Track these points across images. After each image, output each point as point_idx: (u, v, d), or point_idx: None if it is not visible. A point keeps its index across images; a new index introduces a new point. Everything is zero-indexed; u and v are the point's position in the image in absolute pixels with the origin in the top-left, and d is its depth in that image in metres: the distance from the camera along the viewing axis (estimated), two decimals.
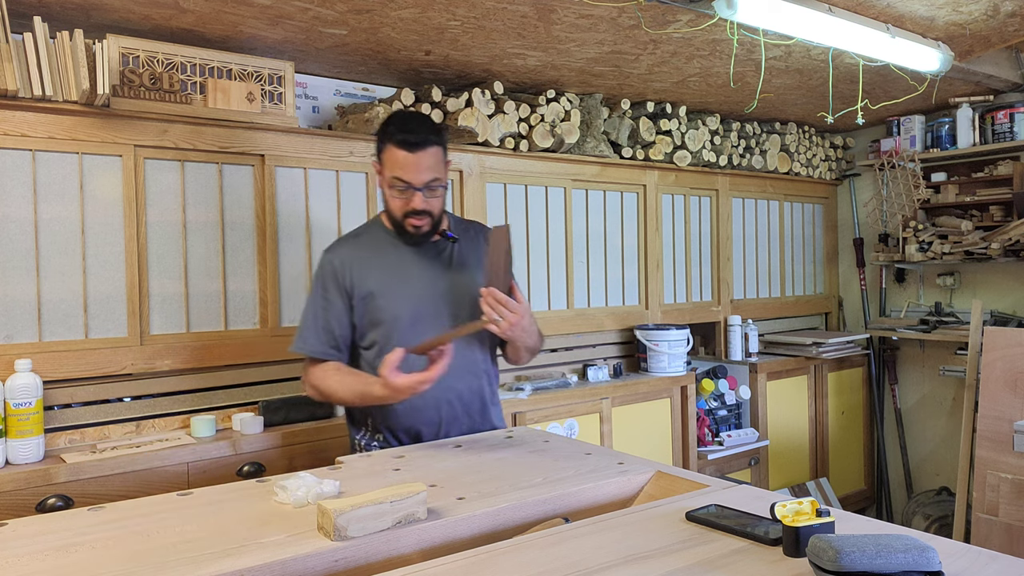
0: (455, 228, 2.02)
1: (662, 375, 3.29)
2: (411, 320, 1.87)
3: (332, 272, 1.91)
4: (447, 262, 1.96)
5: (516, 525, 1.33)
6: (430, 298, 1.90)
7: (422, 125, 1.86)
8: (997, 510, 2.82)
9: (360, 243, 1.97)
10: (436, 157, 1.84)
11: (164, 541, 1.19)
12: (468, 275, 1.96)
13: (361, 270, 1.90)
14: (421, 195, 1.84)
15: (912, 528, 2.05)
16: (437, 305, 1.90)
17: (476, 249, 2.00)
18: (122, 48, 2.21)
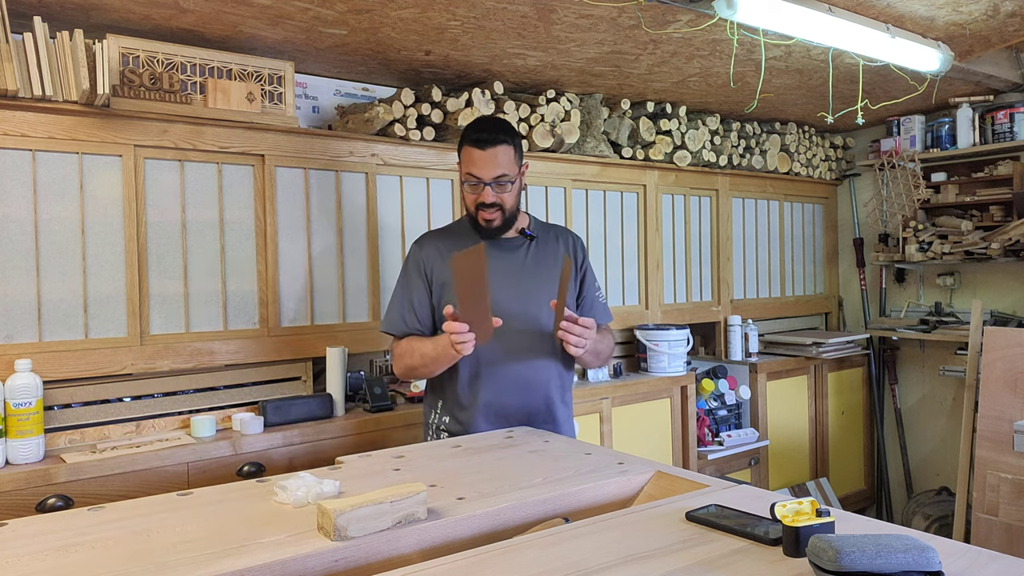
0: (537, 228, 2.13)
1: (662, 375, 3.29)
2: None
3: (417, 260, 2.07)
4: (523, 258, 2.07)
5: (516, 525, 1.33)
6: (501, 290, 1.99)
7: (494, 126, 2.00)
8: (997, 510, 2.82)
9: (445, 235, 2.11)
10: (506, 155, 1.96)
11: (164, 541, 1.19)
12: (542, 273, 2.06)
13: (441, 260, 2.03)
14: (490, 189, 1.96)
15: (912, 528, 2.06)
16: (507, 297, 1.99)
17: (555, 250, 2.11)
18: (122, 48, 2.21)
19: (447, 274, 1.99)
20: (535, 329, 2.01)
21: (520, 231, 2.08)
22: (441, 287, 2.03)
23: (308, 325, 2.56)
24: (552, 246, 2.11)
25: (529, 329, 2.01)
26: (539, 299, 2.01)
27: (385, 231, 2.74)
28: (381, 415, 2.51)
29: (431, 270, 2.05)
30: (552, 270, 2.06)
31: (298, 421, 2.42)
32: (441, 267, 2.03)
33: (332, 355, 2.54)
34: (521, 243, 2.08)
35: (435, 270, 2.04)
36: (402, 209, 2.78)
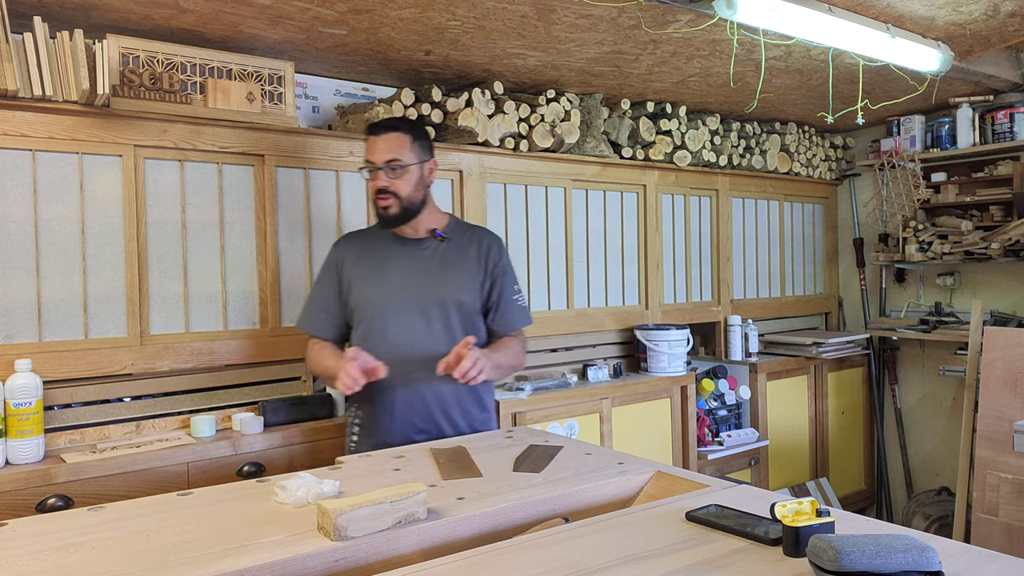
0: (453, 230, 2.15)
1: (662, 375, 3.29)
2: (381, 310, 2.05)
3: (333, 261, 2.15)
4: (429, 260, 2.10)
5: (516, 525, 1.33)
6: (404, 291, 2.05)
7: (393, 118, 2.11)
8: (997, 510, 2.82)
9: (361, 237, 2.18)
10: (398, 142, 2.03)
11: (164, 541, 1.19)
12: (448, 275, 2.08)
13: (353, 261, 2.11)
14: (382, 174, 2.02)
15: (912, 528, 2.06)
16: (409, 299, 2.05)
17: (466, 251, 2.12)
18: (122, 48, 2.21)
19: (356, 273, 2.09)
20: (437, 333, 2.04)
21: (431, 232, 2.11)
22: (349, 287, 2.10)
23: None
24: (464, 248, 2.12)
25: (431, 332, 2.04)
26: (443, 301, 2.05)
27: None
28: None
29: (343, 270, 2.11)
30: (460, 272, 2.09)
31: (298, 421, 2.42)
32: (352, 266, 2.11)
33: None
34: (430, 245, 2.11)
35: (346, 269, 2.11)
36: None
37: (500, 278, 2.14)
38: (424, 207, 2.10)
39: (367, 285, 2.08)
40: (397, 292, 2.05)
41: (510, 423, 2.76)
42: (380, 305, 2.05)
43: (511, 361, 2.11)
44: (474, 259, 2.12)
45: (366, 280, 2.09)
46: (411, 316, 2.04)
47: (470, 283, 2.10)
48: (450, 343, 2.00)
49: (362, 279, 2.09)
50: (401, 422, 2.04)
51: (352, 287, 2.10)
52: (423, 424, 2.04)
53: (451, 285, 2.07)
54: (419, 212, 2.08)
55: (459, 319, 2.07)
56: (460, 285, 2.08)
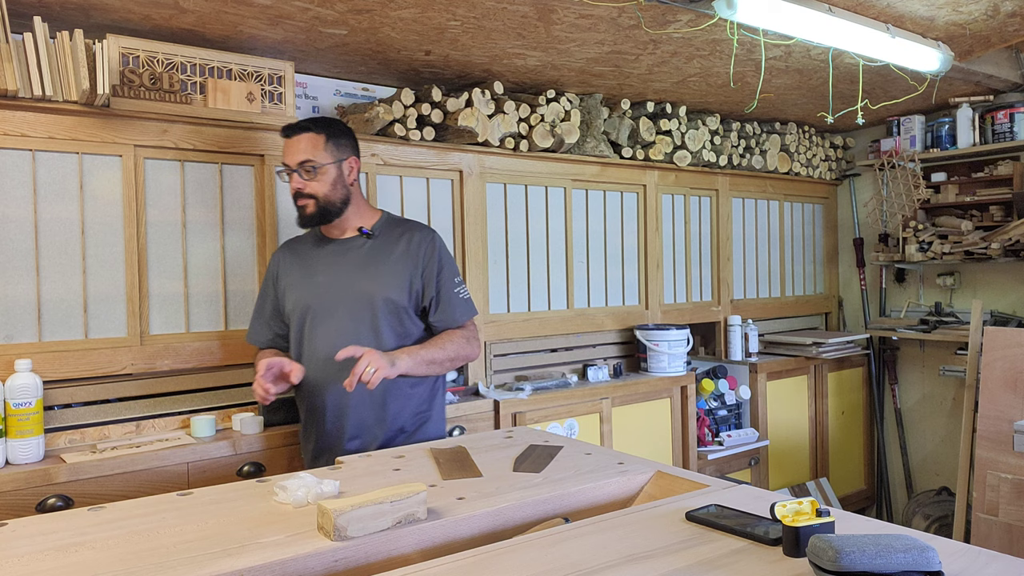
0: (383, 227, 2.13)
1: (662, 375, 3.29)
2: (307, 313, 2.05)
3: (270, 269, 2.19)
4: (356, 259, 2.07)
5: (516, 525, 1.33)
6: (328, 292, 2.04)
7: (309, 119, 2.08)
8: (997, 510, 2.82)
9: (296, 243, 2.19)
10: (311, 143, 2.02)
11: (164, 541, 1.19)
12: (376, 273, 2.05)
13: (286, 266, 2.13)
14: (297, 176, 2.03)
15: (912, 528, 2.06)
16: (333, 300, 2.04)
17: (395, 247, 2.08)
18: (122, 48, 2.21)
19: (288, 277, 2.11)
20: (364, 333, 2.01)
21: (358, 229, 2.11)
22: (282, 292, 2.12)
23: None
24: (392, 245, 2.09)
25: (357, 333, 2.00)
26: (368, 300, 2.02)
27: None
28: None
29: (278, 277, 2.15)
30: (387, 269, 2.05)
31: (298, 421, 2.41)
32: (284, 273, 2.13)
33: None
34: (357, 243, 2.10)
35: (280, 276, 2.14)
36: (402, 209, 2.78)
37: (436, 273, 2.09)
38: (348, 206, 2.08)
39: (295, 290, 2.09)
40: (322, 293, 2.04)
41: (510, 423, 2.76)
42: (306, 308, 2.05)
43: (449, 353, 2.05)
44: (403, 255, 2.07)
45: (295, 285, 2.09)
46: (336, 317, 2.02)
47: (398, 280, 2.05)
48: (377, 343, 1.97)
49: (292, 285, 2.10)
50: (332, 427, 2.03)
51: (284, 293, 2.11)
52: (354, 430, 2.02)
53: (377, 283, 2.03)
54: (341, 212, 2.07)
55: (387, 318, 2.03)
56: (387, 283, 2.04)
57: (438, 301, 2.09)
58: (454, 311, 2.10)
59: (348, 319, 2.02)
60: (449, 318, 2.09)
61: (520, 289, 3.08)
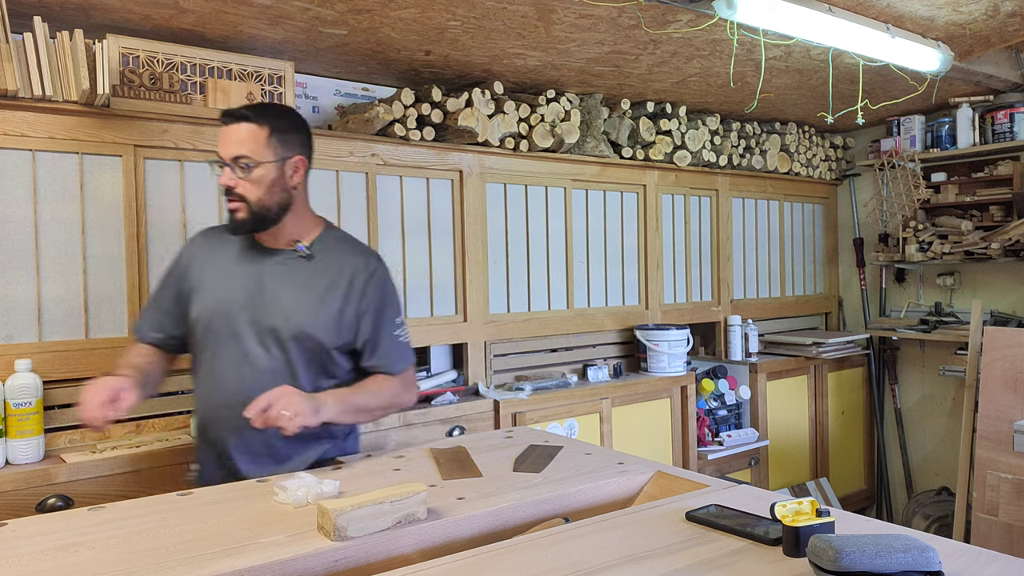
0: (323, 245, 1.80)
1: (662, 375, 3.29)
2: (212, 329, 1.72)
3: (177, 261, 1.85)
4: (284, 278, 1.73)
5: (516, 525, 1.33)
6: (243, 310, 1.70)
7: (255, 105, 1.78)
8: (997, 510, 2.82)
9: (220, 236, 1.82)
10: (251, 135, 1.69)
11: (164, 541, 1.19)
12: (304, 301, 1.71)
13: (200, 261, 1.79)
14: (229, 171, 1.69)
15: (912, 528, 2.06)
16: (247, 320, 1.70)
17: (332, 275, 1.75)
18: (122, 48, 2.21)
19: (198, 278, 1.77)
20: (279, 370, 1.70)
21: (292, 243, 1.77)
22: (189, 293, 1.78)
23: None
24: (330, 270, 1.75)
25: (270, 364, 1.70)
26: (288, 333, 1.69)
27: (385, 231, 2.74)
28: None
29: (190, 271, 1.79)
30: (317, 297, 1.72)
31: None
32: (198, 270, 1.78)
33: None
34: (288, 258, 1.76)
35: (192, 272, 1.79)
36: (402, 209, 2.78)
37: (376, 313, 1.77)
38: (286, 213, 1.74)
39: (204, 296, 1.75)
40: (235, 310, 1.70)
41: (510, 423, 2.76)
42: (211, 322, 1.72)
43: (384, 401, 1.77)
44: (339, 285, 1.74)
45: (205, 289, 1.75)
46: (247, 343, 1.70)
47: (327, 315, 1.72)
48: (293, 382, 1.67)
49: (202, 287, 1.75)
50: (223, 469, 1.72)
51: (191, 294, 1.77)
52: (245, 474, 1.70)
53: (302, 313, 1.70)
54: (278, 219, 1.73)
55: (306, 355, 1.71)
56: (313, 315, 1.70)
57: (374, 345, 1.78)
58: (391, 358, 1.80)
59: (260, 348, 1.69)
60: (385, 364, 1.79)
61: (520, 289, 3.08)
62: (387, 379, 1.79)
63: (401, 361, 1.83)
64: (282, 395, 1.54)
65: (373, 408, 1.77)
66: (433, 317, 2.84)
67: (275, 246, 1.77)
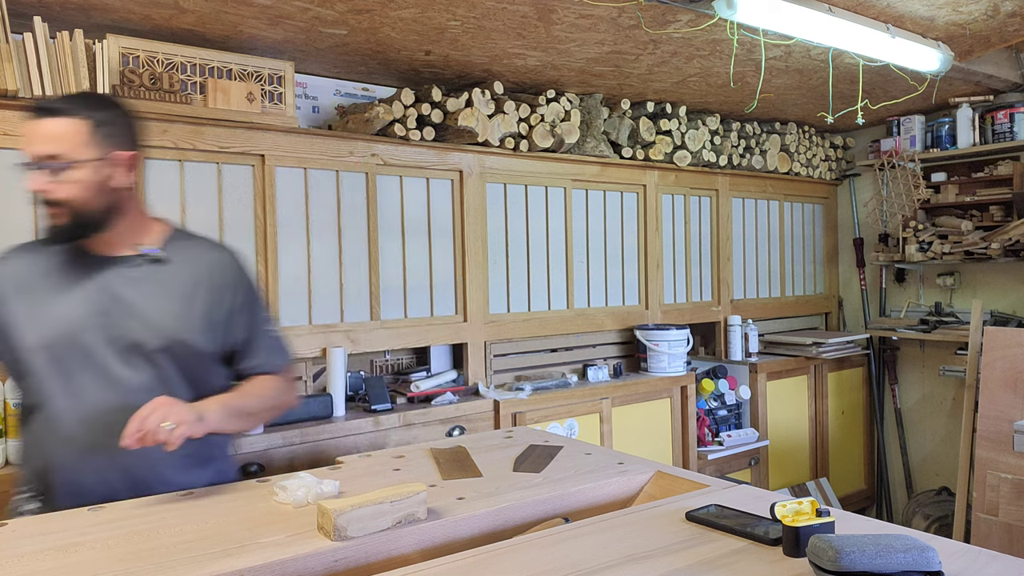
0: (172, 246, 1.60)
1: (662, 375, 3.29)
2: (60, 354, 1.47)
3: None
4: (134, 285, 1.53)
5: (516, 525, 1.33)
6: (93, 328, 1.48)
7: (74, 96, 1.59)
8: (997, 510, 2.82)
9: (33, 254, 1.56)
10: (68, 130, 1.45)
11: (164, 541, 1.19)
12: (167, 308, 1.53)
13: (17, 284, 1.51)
14: (38, 174, 1.44)
15: (912, 528, 2.06)
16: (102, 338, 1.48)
17: (191, 274, 1.58)
18: (122, 48, 2.21)
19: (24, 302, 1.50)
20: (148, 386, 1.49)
21: (135, 248, 1.56)
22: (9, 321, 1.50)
23: (308, 325, 2.56)
24: (187, 271, 1.57)
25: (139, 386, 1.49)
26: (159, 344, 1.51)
27: (385, 231, 2.74)
28: (381, 415, 2.51)
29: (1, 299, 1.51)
30: (180, 300, 1.54)
31: (298, 421, 2.42)
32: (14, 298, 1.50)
33: (332, 355, 2.54)
34: (133, 263, 1.54)
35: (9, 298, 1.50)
36: (402, 209, 2.78)
37: (248, 309, 1.63)
38: (115, 216, 1.51)
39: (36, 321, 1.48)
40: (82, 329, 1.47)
41: (510, 423, 2.76)
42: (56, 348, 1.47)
43: (267, 403, 1.64)
44: (200, 284, 1.57)
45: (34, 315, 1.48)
46: (106, 364, 1.48)
47: (195, 318, 1.55)
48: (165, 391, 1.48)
49: (28, 313, 1.48)
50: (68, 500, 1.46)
51: (11, 324, 1.49)
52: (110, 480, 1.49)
53: (167, 320, 1.52)
54: (104, 224, 1.50)
55: (181, 366, 1.54)
56: (181, 320, 1.53)
57: (251, 343, 1.63)
58: (271, 355, 1.67)
59: (124, 366, 1.48)
60: (265, 363, 1.65)
61: (520, 289, 3.08)
62: (268, 379, 1.65)
63: (280, 357, 1.69)
64: (158, 406, 1.37)
65: (258, 411, 1.62)
66: (433, 317, 2.84)
67: (115, 253, 1.54)
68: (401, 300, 2.77)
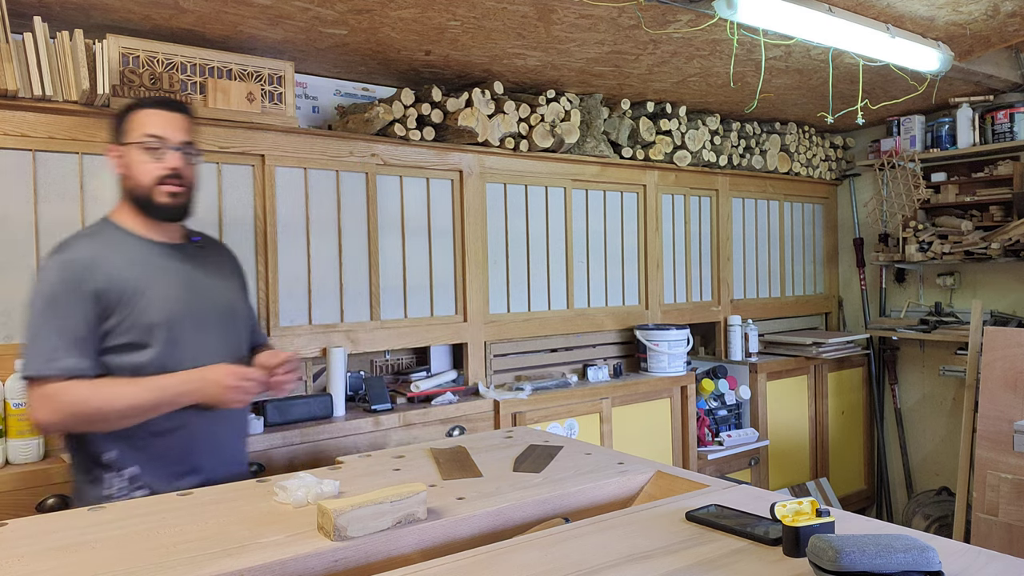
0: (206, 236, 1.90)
1: (662, 375, 3.29)
2: (179, 325, 1.66)
3: (77, 275, 1.60)
4: (203, 267, 1.78)
5: (516, 525, 1.33)
6: (195, 302, 1.71)
7: (174, 100, 1.87)
8: (997, 510, 2.82)
9: (102, 242, 1.68)
10: (191, 124, 1.74)
11: (164, 541, 1.19)
12: (225, 283, 1.83)
13: (118, 273, 1.64)
14: (179, 155, 1.68)
15: (912, 528, 2.06)
16: (204, 310, 1.72)
17: (223, 259, 1.89)
18: (122, 48, 2.21)
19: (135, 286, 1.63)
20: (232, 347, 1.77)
21: (185, 236, 1.81)
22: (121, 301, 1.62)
23: (308, 325, 2.56)
24: (219, 256, 1.88)
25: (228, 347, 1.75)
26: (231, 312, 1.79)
27: (385, 231, 2.74)
28: (381, 415, 2.51)
29: (102, 283, 1.61)
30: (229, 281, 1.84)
31: (298, 421, 2.42)
32: (121, 279, 1.63)
33: (332, 355, 2.54)
34: (190, 249, 1.79)
35: (112, 286, 1.62)
36: (402, 209, 2.78)
37: (247, 293, 1.97)
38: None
39: (157, 300, 1.65)
40: (190, 303, 1.70)
41: (510, 423, 2.76)
42: (176, 321, 1.65)
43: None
44: (231, 270, 1.90)
45: (152, 294, 1.65)
46: (209, 331, 1.72)
47: (239, 292, 1.89)
48: (240, 358, 1.77)
49: (145, 294, 1.64)
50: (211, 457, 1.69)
51: (134, 304, 1.62)
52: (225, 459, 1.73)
53: (232, 294, 1.83)
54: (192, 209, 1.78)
55: (241, 330, 1.83)
56: (237, 295, 1.86)
57: (255, 321, 2.00)
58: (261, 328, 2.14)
59: (220, 331, 1.75)
60: (260, 335, 2.01)
61: (520, 289, 3.08)
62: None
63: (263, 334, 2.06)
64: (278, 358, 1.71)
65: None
66: (433, 317, 2.84)
67: (171, 240, 1.75)
68: (401, 300, 2.77)
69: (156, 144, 1.66)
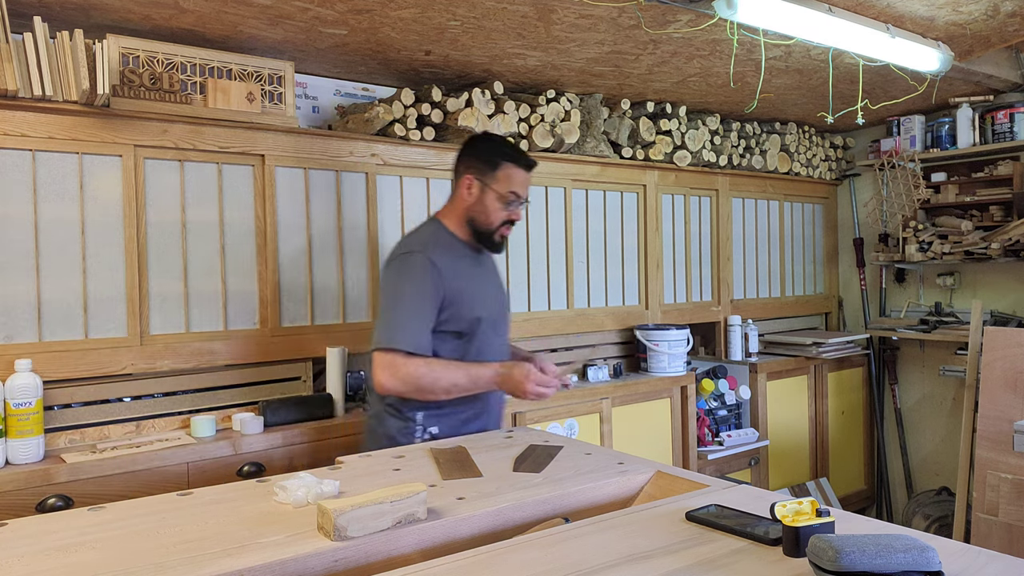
0: None
1: (662, 375, 3.29)
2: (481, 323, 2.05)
3: (434, 272, 1.97)
4: (493, 274, 2.19)
5: (516, 525, 1.33)
6: (494, 304, 2.12)
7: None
8: (997, 510, 2.82)
9: (445, 247, 2.05)
10: None
11: (164, 541, 1.19)
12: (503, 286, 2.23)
13: (451, 270, 2.01)
14: (522, 209, 2.12)
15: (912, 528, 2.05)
16: (498, 312, 2.13)
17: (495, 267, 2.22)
18: (122, 48, 2.21)
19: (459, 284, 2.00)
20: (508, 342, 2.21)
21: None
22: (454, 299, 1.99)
23: (308, 325, 2.56)
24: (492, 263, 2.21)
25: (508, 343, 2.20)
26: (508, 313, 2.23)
27: (385, 231, 2.74)
28: None
29: (445, 282, 1.98)
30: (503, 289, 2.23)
31: (298, 421, 2.42)
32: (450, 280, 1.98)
33: (332, 355, 2.54)
34: (484, 257, 2.16)
35: (448, 281, 1.99)
36: (402, 209, 2.78)
37: None
38: None
39: (471, 298, 2.02)
40: (491, 305, 2.10)
41: (510, 423, 2.76)
42: (481, 319, 2.04)
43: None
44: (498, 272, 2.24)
45: (469, 293, 2.02)
46: (499, 330, 2.13)
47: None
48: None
49: (465, 291, 2.01)
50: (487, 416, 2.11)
51: (457, 299, 1.99)
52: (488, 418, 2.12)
53: (504, 296, 2.21)
54: None
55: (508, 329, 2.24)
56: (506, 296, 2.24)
57: None
58: None
59: (505, 327, 2.17)
60: None
61: (520, 289, 3.08)
62: None
63: None
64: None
65: None
66: None
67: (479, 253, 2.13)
68: None
69: (515, 200, 2.05)
